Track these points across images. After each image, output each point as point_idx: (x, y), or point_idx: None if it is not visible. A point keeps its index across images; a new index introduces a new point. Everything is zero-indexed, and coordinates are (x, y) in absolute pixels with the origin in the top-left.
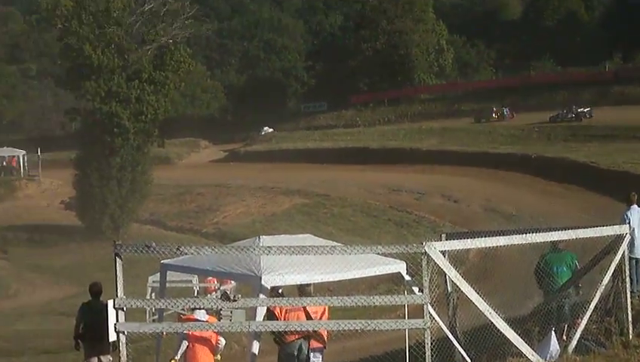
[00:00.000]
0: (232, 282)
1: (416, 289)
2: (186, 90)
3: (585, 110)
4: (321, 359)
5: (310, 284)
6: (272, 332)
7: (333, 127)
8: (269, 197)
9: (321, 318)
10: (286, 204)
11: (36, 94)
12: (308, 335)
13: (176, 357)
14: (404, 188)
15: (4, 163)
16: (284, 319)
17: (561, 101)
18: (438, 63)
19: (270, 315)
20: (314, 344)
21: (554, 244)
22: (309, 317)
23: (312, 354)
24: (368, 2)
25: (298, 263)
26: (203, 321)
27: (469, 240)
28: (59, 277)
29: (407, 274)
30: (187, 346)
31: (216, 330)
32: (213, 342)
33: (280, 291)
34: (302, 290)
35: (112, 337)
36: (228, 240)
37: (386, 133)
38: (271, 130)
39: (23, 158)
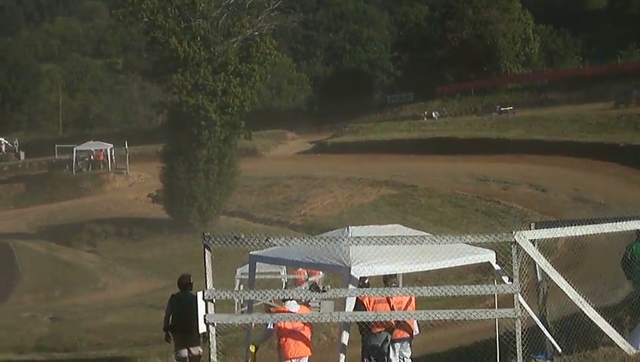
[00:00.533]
0: (320, 273)
1: (505, 278)
2: (272, 82)
3: None
4: (409, 349)
5: (395, 275)
6: (359, 323)
7: (420, 117)
8: (356, 189)
9: (406, 308)
10: (373, 195)
11: (123, 88)
12: (393, 328)
13: (255, 343)
14: (491, 177)
15: (92, 157)
16: (372, 310)
17: None
18: (525, 53)
19: (358, 305)
20: (402, 334)
21: (639, 235)
22: (392, 308)
23: (400, 344)
24: None
25: (387, 253)
26: (294, 312)
27: (558, 228)
28: (147, 270)
29: (496, 263)
30: (282, 340)
31: (305, 321)
32: (307, 334)
33: (366, 281)
34: (387, 281)
35: (202, 328)
36: (316, 232)
37: (472, 123)
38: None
39: (111, 152)
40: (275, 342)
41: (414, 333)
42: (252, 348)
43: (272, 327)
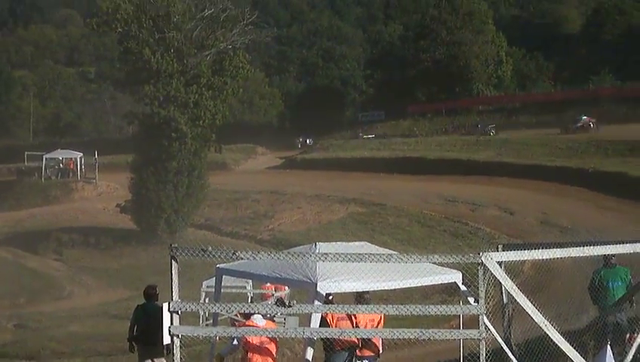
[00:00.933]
0: (286, 289)
1: (471, 299)
2: (244, 96)
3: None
4: None
5: (368, 292)
6: (323, 341)
7: (391, 136)
8: (324, 206)
9: (375, 326)
10: (342, 213)
11: (94, 97)
12: (355, 346)
13: (220, 354)
14: (459, 199)
15: (61, 165)
16: (335, 327)
17: (622, 115)
18: (497, 75)
19: (322, 322)
20: (368, 352)
21: (606, 260)
22: (357, 326)
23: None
24: (428, 12)
25: (354, 271)
26: (259, 326)
27: (525, 251)
28: (113, 279)
29: (462, 284)
30: (248, 354)
31: (270, 336)
32: (273, 350)
33: (330, 298)
34: (360, 298)
35: (167, 340)
36: (283, 247)
37: (443, 144)
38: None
39: (80, 161)
40: (239, 357)
41: (380, 351)
42: (216, 360)
43: (236, 343)
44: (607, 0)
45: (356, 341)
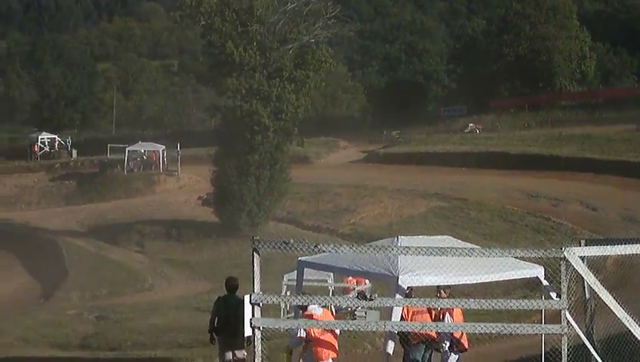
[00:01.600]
0: (367, 282)
1: (553, 294)
2: (327, 89)
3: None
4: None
5: (449, 286)
6: (400, 335)
7: (473, 130)
8: (406, 200)
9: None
10: (423, 207)
11: (177, 90)
12: (432, 340)
13: (290, 346)
14: (542, 194)
15: (144, 157)
16: (411, 320)
17: None
18: (580, 70)
19: (403, 316)
20: (456, 347)
21: None
22: (433, 320)
23: (453, 356)
24: (512, 7)
25: (435, 264)
26: (317, 315)
27: (608, 246)
28: (194, 272)
29: (544, 279)
30: (310, 344)
31: (349, 328)
32: (334, 341)
33: (408, 291)
34: (440, 291)
35: (248, 332)
36: (364, 241)
37: (525, 139)
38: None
39: (163, 153)
40: (302, 348)
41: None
42: (286, 353)
43: (303, 334)
44: None
45: (434, 335)
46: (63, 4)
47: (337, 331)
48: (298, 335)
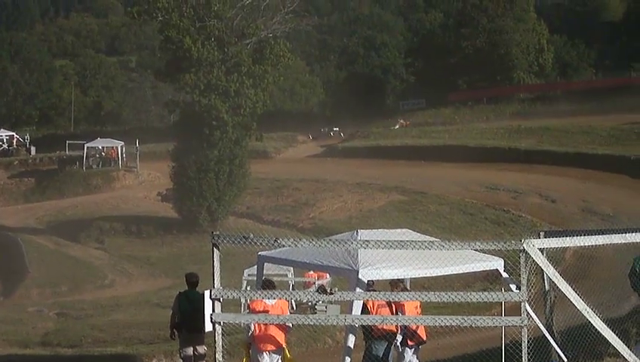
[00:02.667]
0: (328, 276)
1: (513, 286)
2: (285, 84)
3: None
4: (415, 357)
5: (403, 280)
6: (363, 329)
7: (432, 124)
8: (365, 194)
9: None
10: (383, 201)
11: (135, 86)
12: (394, 333)
13: (246, 341)
14: (501, 186)
15: (103, 154)
16: (376, 314)
17: None
18: (538, 63)
19: (363, 309)
20: (413, 341)
21: None
22: (395, 313)
23: (411, 351)
24: (469, 0)
25: (395, 258)
26: (269, 305)
27: (567, 238)
28: (154, 268)
29: (504, 271)
30: (257, 333)
31: (312, 323)
32: (281, 335)
33: (371, 284)
34: (395, 286)
35: (208, 327)
36: (324, 236)
37: (484, 132)
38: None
39: (122, 149)
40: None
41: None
42: (244, 348)
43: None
44: None
45: (395, 329)
46: (19, 0)
47: (290, 324)
48: (252, 327)
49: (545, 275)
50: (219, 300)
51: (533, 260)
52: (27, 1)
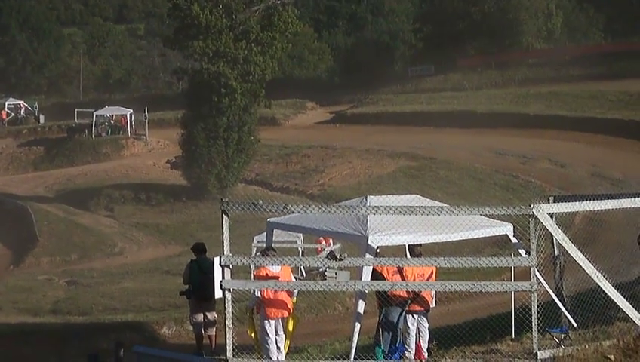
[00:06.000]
0: (338, 244)
1: (522, 251)
2: (293, 51)
3: None
4: (426, 321)
5: (420, 245)
6: (377, 296)
7: (440, 90)
8: (374, 160)
9: (428, 280)
10: (392, 167)
11: (144, 54)
12: (408, 300)
13: (249, 306)
14: (510, 152)
15: (112, 122)
16: (391, 280)
17: None
18: (547, 27)
19: (375, 276)
20: (417, 307)
21: None
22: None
23: (417, 316)
24: None
25: (405, 224)
26: (273, 273)
27: (576, 203)
28: (164, 236)
29: (514, 236)
30: (264, 302)
31: (320, 289)
32: (289, 301)
33: (377, 251)
34: (411, 251)
35: (218, 294)
36: (334, 202)
37: (492, 97)
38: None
39: (130, 117)
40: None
41: (431, 306)
42: (249, 313)
43: (259, 294)
44: None
45: (407, 295)
46: None
47: (295, 291)
48: (255, 294)
49: (554, 240)
50: (228, 267)
51: (543, 225)
52: None
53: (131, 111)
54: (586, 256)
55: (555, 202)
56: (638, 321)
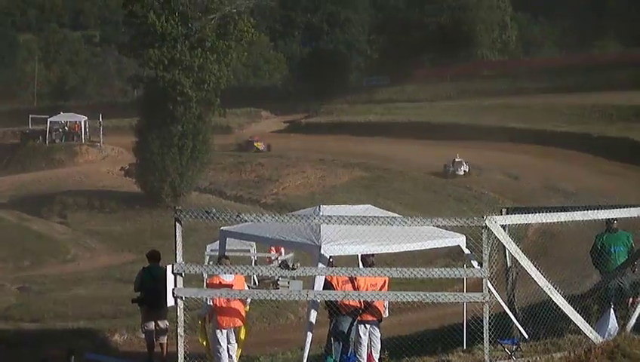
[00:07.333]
0: (290, 253)
1: (475, 263)
2: (249, 60)
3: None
4: (378, 331)
5: (373, 255)
6: (328, 305)
7: (395, 101)
8: (328, 170)
9: (381, 290)
10: (346, 177)
11: (99, 61)
12: (360, 310)
13: (200, 315)
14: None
15: (66, 128)
16: (342, 290)
17: (625, 81)
18: (502, 40)
19: (327, 286)
20: (369, 317)
21: (608, 225)
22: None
23: (370, 326)
24: None
25: (358, 234)
26: (226, 282)
27: (529, 215)
28: (117, 243)
29: (466, 248)
30: (216, 311)
31: (273, 298)
32: (241, 309)
33: (331, 261)
34: (364, 261)
35: (170, 302)
36: (287, 211)
37: (447, 109)
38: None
39: (85, 124)
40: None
41: (383, 316)
42: (200, 321)
43: (210, 303)
44: None
45: (359, 305)
46: None
47: (248, 300)
48: (208, 303)
49: (507, 252)
50: (181, 275)
51: (496, 237)
52: None
53: (86, 118)
54: (538, 268)
55: (507, 214)
56: (589, 334)
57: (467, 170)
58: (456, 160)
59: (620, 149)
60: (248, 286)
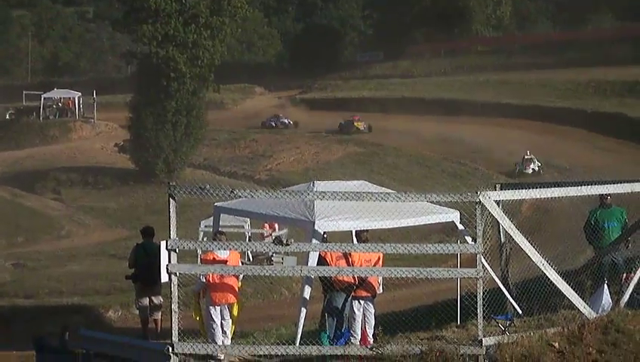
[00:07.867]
0: (285, 229)
1: (469, 238)
2: (243, 36)
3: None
4: (372, 307)
5: (367, 231)
6: (322, 282)
7: (389, 76)
8: (322, 146)
9: (375, 266)
10: (340, 153)
11: (93, 37)
12: (354, 286)
13: (194, 290)
14: (458, 139)
15: (60, 104)
16: (336, 266)
17: (620, 56)
18: (496, 15)
19: (321, 262)
20: (363, 293)
21: (602, 201)
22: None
23: (364, 301)
24: None
25: (351, 209)
26: (221, 258)
27: (523, 190)
28: (111, 219)
29: (460, 223)
30: (210, 287)
31: (267, 274)
32: (235, 284)
33: (325, 236)
34: (358, 237)
35: (164, 278)
36: (281, 187)
37: (441, 85)
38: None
39: (79, 100)
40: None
41: (377, 292)
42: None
43: (204, 279)
44: None
45: (353, 280)
46: None
47: (241, 276)
48: (201, 278)
49: (501, 227)
50: (175, 251)
51: (489, 212)
52: None
53: (79, 94)
54: (532, 244)
55: (502, 190)
56: (582, 309)
57: (536, 168)
58: (526, 157)
59: (615, 125)
60: (242, 262)
